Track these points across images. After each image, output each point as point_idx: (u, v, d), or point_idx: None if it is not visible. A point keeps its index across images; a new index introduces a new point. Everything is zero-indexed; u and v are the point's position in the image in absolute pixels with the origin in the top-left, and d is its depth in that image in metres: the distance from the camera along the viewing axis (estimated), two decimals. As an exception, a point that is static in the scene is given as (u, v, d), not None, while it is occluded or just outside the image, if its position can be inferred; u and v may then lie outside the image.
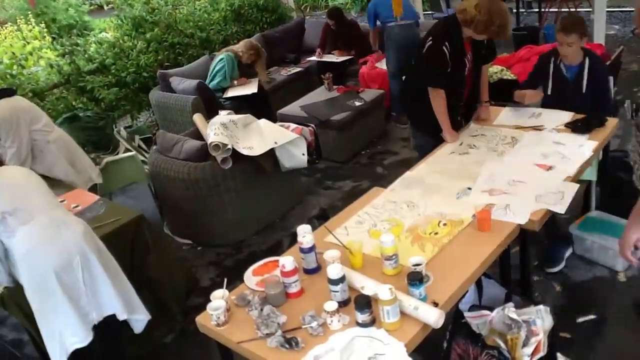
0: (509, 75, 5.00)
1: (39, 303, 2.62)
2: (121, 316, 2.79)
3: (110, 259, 2.83)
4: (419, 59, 3.41)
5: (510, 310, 2.24)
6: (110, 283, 2.73)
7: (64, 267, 2.59)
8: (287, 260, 2.21)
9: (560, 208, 2.60)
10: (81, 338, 2.66)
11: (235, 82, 5.87)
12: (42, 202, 2.74)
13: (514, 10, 8.20)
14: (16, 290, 2.75)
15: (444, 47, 3.19)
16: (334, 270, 2.10)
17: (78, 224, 2.79)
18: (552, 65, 3.49)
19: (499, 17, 3.03)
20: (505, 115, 3.60)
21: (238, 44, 6.01)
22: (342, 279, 2.10)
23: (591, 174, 3.35)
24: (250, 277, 2.43)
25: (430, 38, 3.27)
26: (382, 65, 6.02)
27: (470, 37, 3.22)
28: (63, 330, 2.64)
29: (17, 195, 2.67)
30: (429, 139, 3.44)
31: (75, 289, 2.64)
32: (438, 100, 3.31)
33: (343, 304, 2.11)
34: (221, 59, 5.83)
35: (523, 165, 2.96)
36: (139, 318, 2.89)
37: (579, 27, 3.33)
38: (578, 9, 7.70)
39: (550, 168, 2.91)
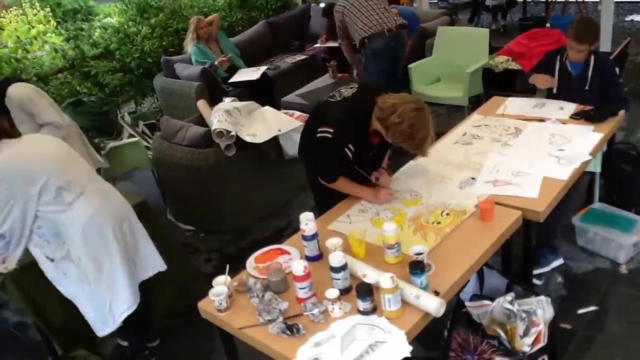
0: (514, 65, 4.97)
1: (95, 270, 2.64)
2: (163, 268, 2.93)
3: (141, 224, 2.92)
4: (313, 140, 2.67)
5: (506, 301, 2.24)
6: (150, 242, 2.88)
7: (118, 230, 2.68)
8: (298, 265, 2.11)
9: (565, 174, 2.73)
10: (131, 303, 2.73)
11: (217, 62, 5.90)
12: (85, 171, 2.76)
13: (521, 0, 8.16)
14: (19, 274, 2.77)
15: (347, 150, 2.62)
16: (335, 258, 2.10)
17: (116, 192, 2.87)
18: (557, 63, 3.48)
19: (422, 131, 2.46)
20: (508, 105, 3.59)
21: (187, 37, 6.07)
22: (343, 267, 2.11)
23: (595, 166, 3.34)
24: (253, 264, 2.44)
25: (331, 130, 2.58)
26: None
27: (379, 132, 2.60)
28: (115, 297, 2.69)
29: (67, 168, 2.63)
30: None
31: (127, 250, 2.73)
32: (339, 186, 2.76)
33: (344, 291, 2.12)
34: (192, 53, 5.95)
35: (527, 156, 2.96)
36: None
37: (593, 35, 3.32)
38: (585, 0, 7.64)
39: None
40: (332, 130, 2.57)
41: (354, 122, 2.60)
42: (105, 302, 2.70)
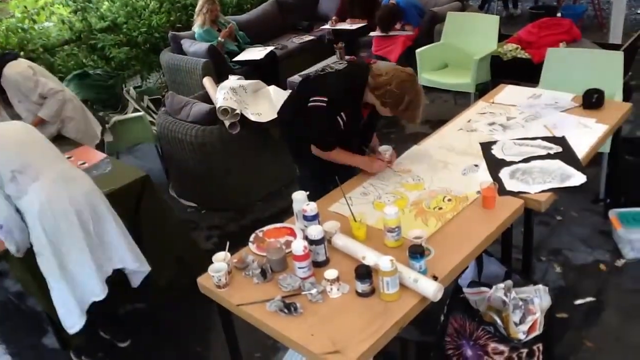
0: (522, 54, 4.94)
1: (60, 256, 2.63)
2: (132, 266, 2.87)
3: (115, 214, 2.85)
4: (305, 110, 2.72)
5: (499, 290, 2.25)
6: (121, 235, 2.82)
7: (76, 218, 2.64)
8: (298, 245, 2.12)
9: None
10: (99, 291, 2.73)
11: (220, 37, 5.91)
12: (47, 157, 2.75)
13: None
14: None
15: (339, 119, 2.68)
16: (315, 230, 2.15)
17: (84, 178, 2.83)
18: None
19: (411, 94, 2.60)
20: (504, 94, 3.55)
21: (197, 16, 6.07)
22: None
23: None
24: (254, 242, 2.44)
25: (325, 99, 2.65)
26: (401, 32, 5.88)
27: (372, 104, 2.72)
28: (84, 282, 2.69)
29: (23, 152, 2.66)
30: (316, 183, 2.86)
31: (89, 240, 2.68)
32: (335, 156, 2.80)
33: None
34: (197, 34, 5.97)
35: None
36: (142, 270, 2.95)
37: None
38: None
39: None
40: (325, 99, 2.66)
41: (349, 92, 2.72)
42: (74, 295, 2.68)
